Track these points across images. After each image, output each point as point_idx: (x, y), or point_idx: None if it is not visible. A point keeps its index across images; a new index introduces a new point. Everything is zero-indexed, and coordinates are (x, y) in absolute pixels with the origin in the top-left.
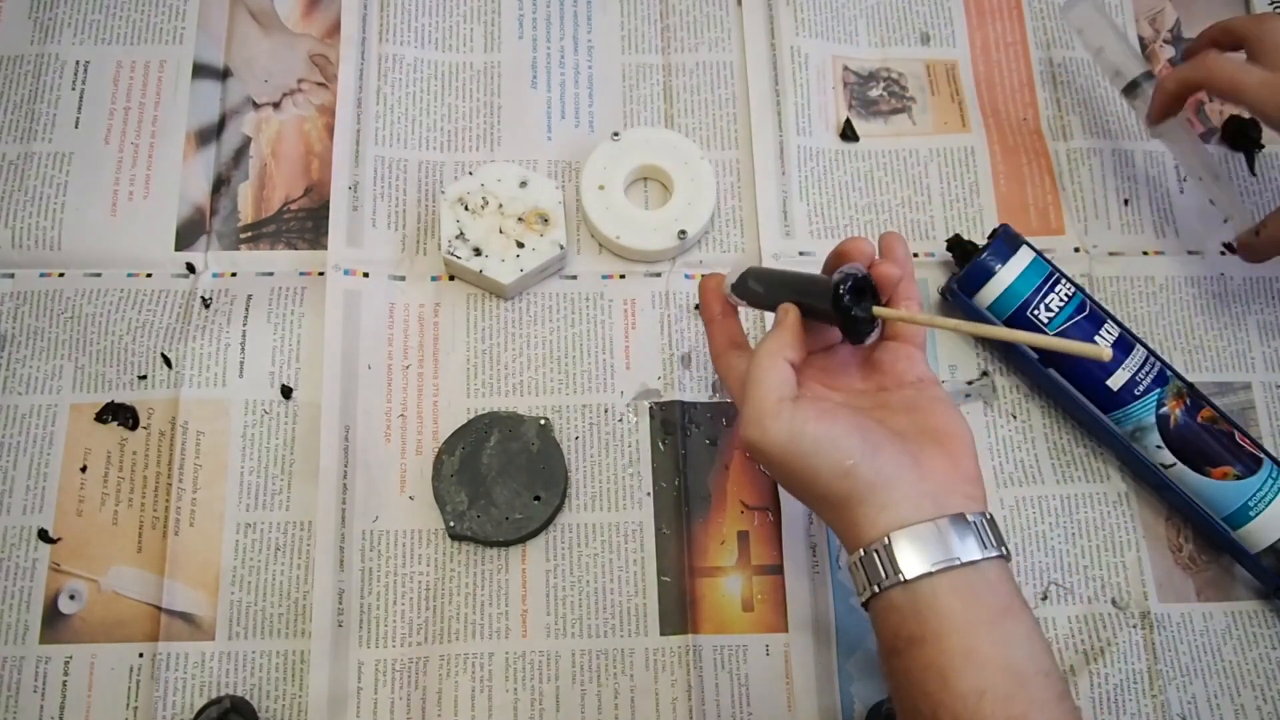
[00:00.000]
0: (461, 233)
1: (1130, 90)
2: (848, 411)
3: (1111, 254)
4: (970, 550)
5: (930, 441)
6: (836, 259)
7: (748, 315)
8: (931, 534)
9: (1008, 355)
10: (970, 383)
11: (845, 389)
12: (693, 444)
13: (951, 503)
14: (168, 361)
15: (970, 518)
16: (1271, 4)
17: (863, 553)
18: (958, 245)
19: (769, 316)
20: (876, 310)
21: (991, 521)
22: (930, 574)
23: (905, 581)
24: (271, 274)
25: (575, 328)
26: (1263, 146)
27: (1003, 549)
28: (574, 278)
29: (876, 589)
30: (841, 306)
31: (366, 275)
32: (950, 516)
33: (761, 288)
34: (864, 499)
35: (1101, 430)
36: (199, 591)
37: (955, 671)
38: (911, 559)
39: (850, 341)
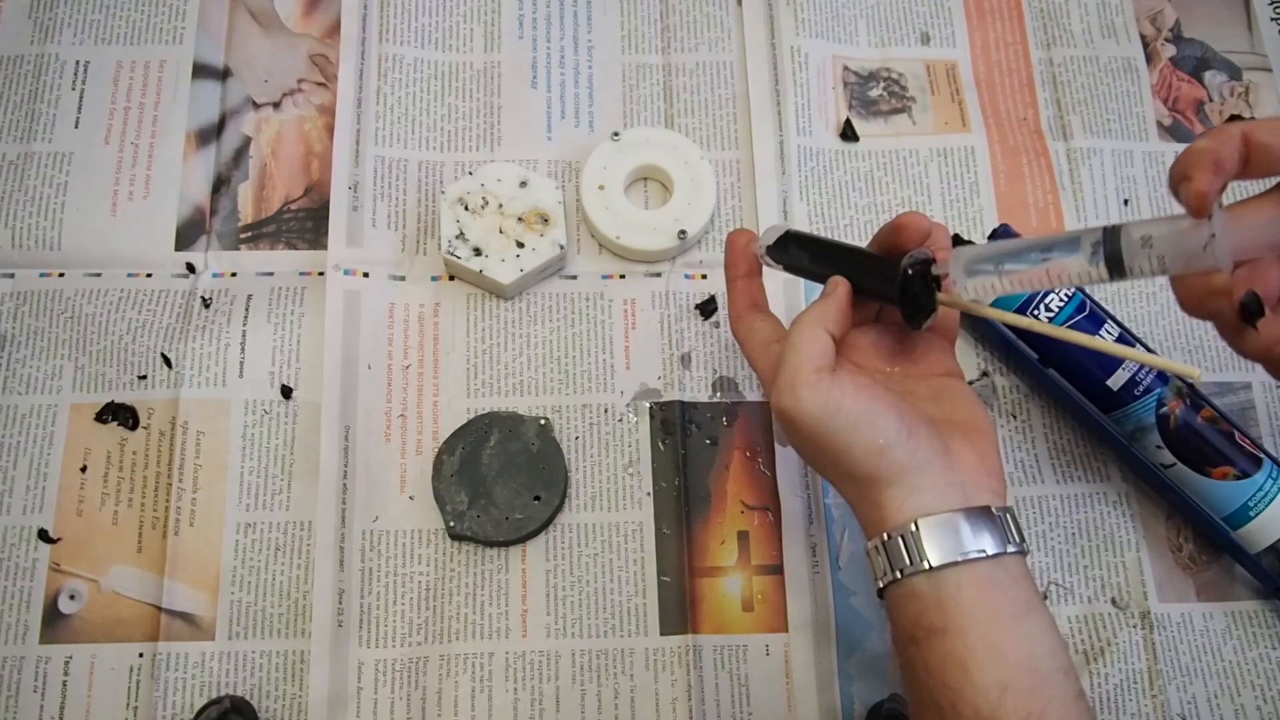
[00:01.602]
0: (461, 233)
1: (1113, 258)
2: (885, 390)
3: None
4: (995, 543)
5: (957, 432)
6: (893, 233)
7: None
8: (958, 524)
9: (1008, 355)
10: (970, 383)
11: (871, 370)
12: (693, 444)
13: (978, 495)
14: (168, 361)
15: (996, 511)
16: (1271, 3)
17: (886, 537)
18: (958, 245)
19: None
20: (942, 298)
21: (1013, 515)
22: (956, 564)
23: (930, 570)
24: (271, 274)
25: (575, 328)
26: None
27: (1023, 544)
28: (574, 278)
29: (899, 574)
30: (909, 291)
31: (366, 275)
32: (977, 508)
33: (807, 255)
34: (893, 481)
35: (1101, 430)
36: (199, 591)
37: (977, 665)
38: (938, 547)
39: (910, 326)
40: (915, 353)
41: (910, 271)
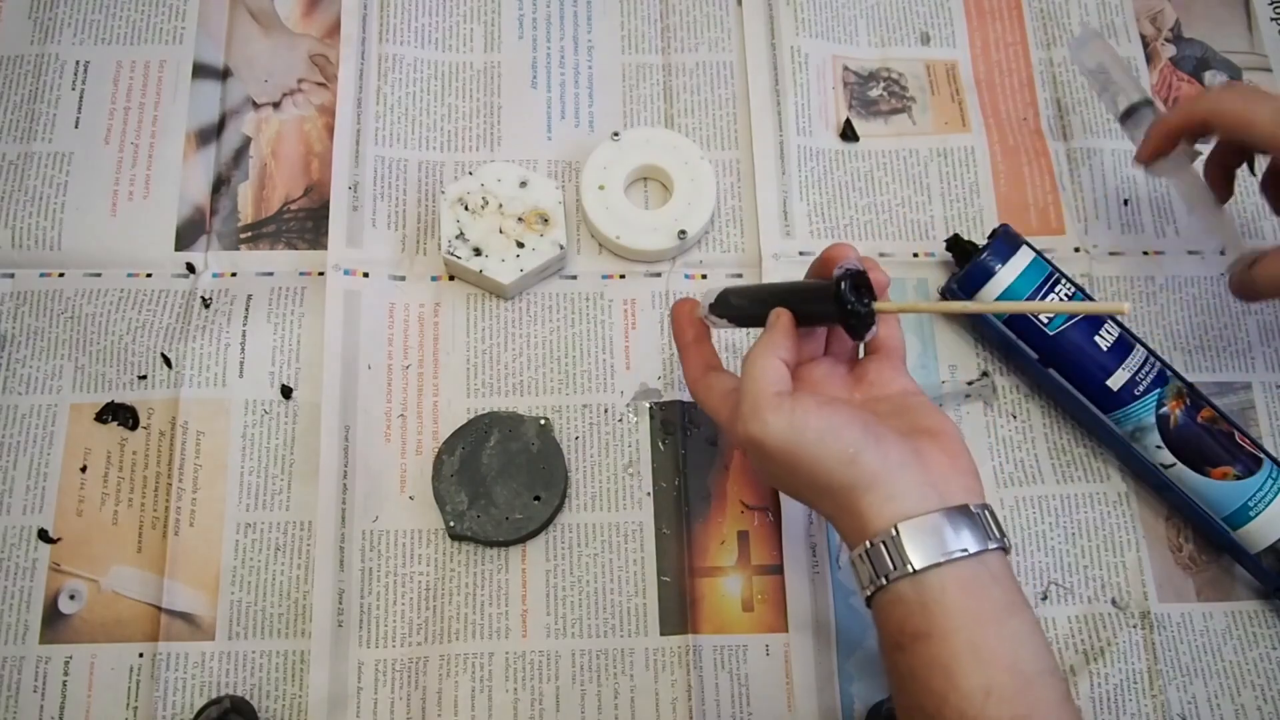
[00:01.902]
0: (461, 233)
1: (1129, 116)
2: (846, 404)
3: (1111, 254)
4: (976, 541)
5: (926, 437)
6: (824, 264)
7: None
8: (938, 525)
9: (1008, 355)
10: (970, 383)
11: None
12: (693, 444)
13: (953, 494)
14: (168, 361)
15: (974, 509)
16: (1271, 3)
17: (869, 545)
18: (957, 245)
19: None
20: (877, 305)
21: (992, 512)
22: (939, 565)
23: (914, 573)
24: (271, 274)
25: (575, 328)
26: None
27: (1004, 540)
28: (574, 278)
29: (884, 581)
30: (844, 300)
31: (366, 275)
32: (955, 507)
33: (746, 302)
34: (869, 488)
35: (1101, 430)
36: (199, 591)
37: (961, 669)
38: (919, 550)
39: (852, 337)
40: (868, 377)
41: (844, 286)
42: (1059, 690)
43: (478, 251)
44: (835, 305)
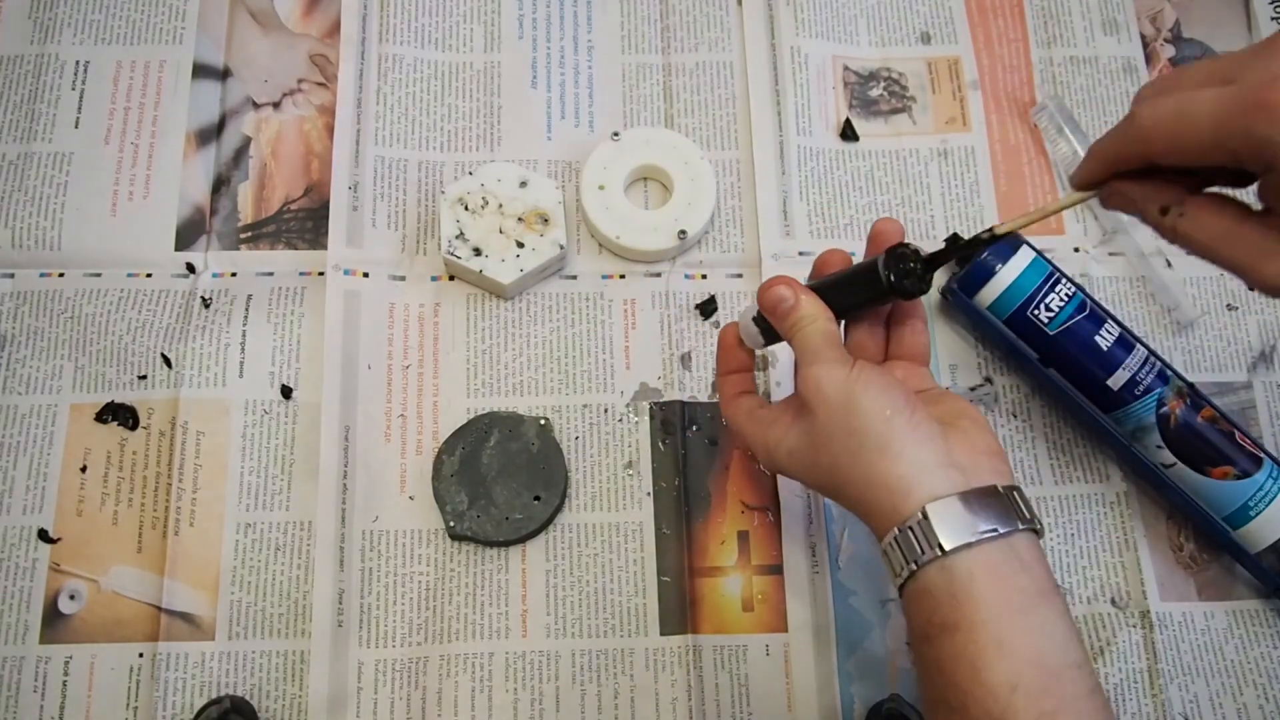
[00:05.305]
0: (461, 233)
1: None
2: (894, 374)
3: (1111, 254)
4: (1004, 521)
5: (949, 422)
6: (877, 239)
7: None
8: (965, 505)
9: (1008, 355)
10: (973, 389)
11: None
12: (693, 444)
13: (979, 475)
14: (168, 361)
15: (1000, 489)
16: (1272, 2)
17: (898, 531)
18: (955, 243)
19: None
20: (997, 228)
21: (1021, 493)
22: (969, 546)
23: (943, 554)
24: (271, 274)
25: (575, 328)
26: None
27: (1035, 522)
28: (574, 278)
29: (914, 566)
30: (901, 279)
31: (366, 275)
32: (981, 488)
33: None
34: (899, 454)
35: (1101, 430)
36: (199, 591)
37: (986, 663)
38: (948, 530)
39: (924, 288)
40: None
41: (891, 273)
42: (1087, 683)
43: (478, 251)
44: (888, 285)
